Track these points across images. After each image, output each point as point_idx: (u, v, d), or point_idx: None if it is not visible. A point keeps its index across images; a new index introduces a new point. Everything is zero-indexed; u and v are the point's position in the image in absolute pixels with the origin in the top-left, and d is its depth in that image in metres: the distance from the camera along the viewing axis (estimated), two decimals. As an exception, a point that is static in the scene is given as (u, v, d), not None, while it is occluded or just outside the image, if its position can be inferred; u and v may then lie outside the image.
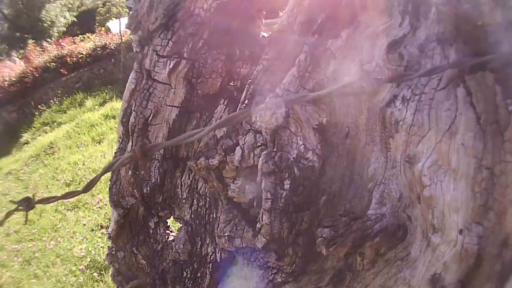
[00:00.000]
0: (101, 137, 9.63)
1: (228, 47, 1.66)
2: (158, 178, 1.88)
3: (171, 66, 1.67)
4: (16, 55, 19.55)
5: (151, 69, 1.74)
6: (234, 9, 1.59)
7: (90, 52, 12.18)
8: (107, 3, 22.47)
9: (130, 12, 1.87)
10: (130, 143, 1.90)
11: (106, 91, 11.44)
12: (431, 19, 1.03)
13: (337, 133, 1.23)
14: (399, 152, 1.06)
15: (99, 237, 6.68)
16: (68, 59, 12.21)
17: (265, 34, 1.71)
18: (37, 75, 12.53)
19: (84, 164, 8.92)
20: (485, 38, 0.86)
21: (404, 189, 1.08)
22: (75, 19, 21.84)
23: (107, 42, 12.25)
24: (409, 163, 1.01)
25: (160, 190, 1.92)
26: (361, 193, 1.21)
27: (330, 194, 1.25)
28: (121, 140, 1.99)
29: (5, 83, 12.93)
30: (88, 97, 11.57)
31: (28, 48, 15.13)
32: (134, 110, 1.82)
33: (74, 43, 13.57)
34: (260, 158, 1.23)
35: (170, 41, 1.67)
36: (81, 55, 12.21)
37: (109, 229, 2.07)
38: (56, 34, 20.38)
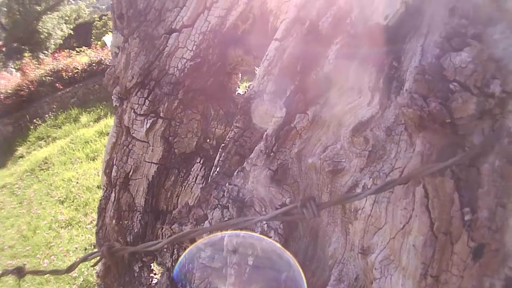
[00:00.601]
0: (95, 154, 9.64)
1: (203, 106, 1.68)
2: (140, 228, 1.91)
3: (148, 125, 1.69)
4: (12, 66, 19.56)
5: (130, 126, 1.77)
6: (208, 69, 1.62)
7: (85, 67, 12.23)
8: (104, 17, 22.55)
9: (109, 68, 1.90)
10: (113, 194, 1.94)
11: (101, 107, 11.47)
12: (401, 96, 1.05)
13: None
14: (357, 238, 1.08)
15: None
16: (64, 74, 12.25)
17: (241, 91, 1.74)
18: (32, 88, 12.55)
19: (78, 181, 8.92)
20: (455, 132, 0.87)
21: (360, 271, 1.10)
22: (71, 31, 21.90)
23: (103, 58, 12.30)
24: (363, 254, 1.03)
25: (142, 239, 1.95)
26: (323, 266, 1.23)
27: (293, 266, 1.27)
28: (105, 189, 2.04)
29: (1, 95, 12.94)
30: (83, 112, 11.59)
31: (24, 61, 15.16)
32: (115, 164, 1.87)
33: (70, 56, 13.62)
34: (226, 235, 1.25)
35: (146, 100, 1.70)
36: (77, 70, 12.25)
37: (97, 268, 2.12)
38: (53, 46, 20.41)
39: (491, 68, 0.85)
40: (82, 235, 7.63)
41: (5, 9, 22.82)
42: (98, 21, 22.12)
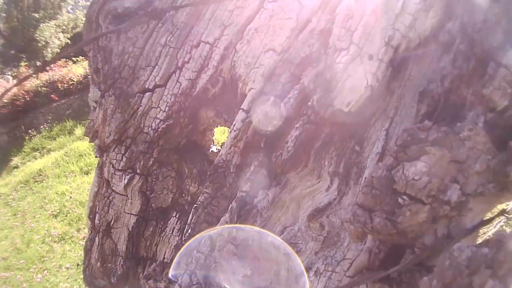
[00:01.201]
0: (89, 168, 9.71)
1: (177, 164, 1.75)
2: (123, 271, 1.99)
3: (126, 181, 1.76)
4: (9, 74, 19.61)
5: (109, 179, 1.84)
6: (180, 131, 1.69)
7: (81, 79, 12.33)
8: None
9: (88, 121, 1.97)
10: (97, 239, 2.02)
11: (96, 119, 11.56)
12: (360, 185, 1.10)
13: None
14: None
15: (84, 274, 6.73)
16: (59, 85, 12.35)
17: (215, 149, 1.80)
18: (28, 99, 12.64)
19: (71, 195, 8.98)
20: (404, 236, 0.91)
21: None
22: (68, 41, 21.94)
23: (99, 70, 12.38)
24: None
25: (125, 281, 2.03)
26: None
27: None
28: (90, 232, 2.12)
29: (-4, 104, 13.03)
30: (78, 125, 11.67)
31: (21, 71, 15.26)
32: (97, 213, 1.95)
33: (66, 66, 13.70)
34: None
35: (124, 156, 1.77)
36: (72, 82, 12.35)
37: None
38: (50, 55, 20.45)
39: (452, 171, 0.88)
40: (74, 251, 7.70)
41: (4, 14, 22.88)
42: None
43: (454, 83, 0.96)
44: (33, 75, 12.72)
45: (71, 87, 12.38)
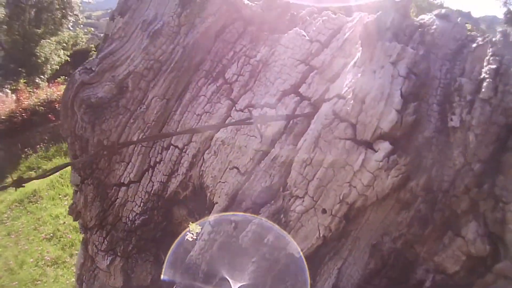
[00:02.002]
0: (84, 192, 9.81)
1: (155, 250, 1.92)
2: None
3: (108, 261, 1.93)
4: (8, 88, 19.78)
5: (94, 257, 2.01)
6: (155, 226, 1.88)
7: (79, 100, 12.51)
8: None
9: (71, 203, 2.14)
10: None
11: (92, 142, 11.73)
12: None
13: None
14: None
15: (75, 303, 6.85)
16: (57, 105, 12.51)
17: (190, 238, 1.97)
18: (25, 117, 12.78)
19: (65, 220, 9.09)
20: None
21: None
22: (68, 58, 22.19)
23: (96, 93, 12.58)
24: None
25: None
26: None
27: None
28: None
29: (-5, 119, 13.17)
30: (74, 147, 11.84)
31: (19, 88, 15.43)
32: (84, 282, 2.11)
33: (65, 84, 13.87)
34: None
35: (105, 239, 1.94)
36: (70, 103, 12.54)
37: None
38: (49, 71, 20.67)
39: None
40: (67, 276, 7.80)
41: (5, 26, 23.22)
42: (94, 51, 22.52)
43: (407, 244, 1.10)
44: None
45: (68, 108, 12.54)
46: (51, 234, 9.05)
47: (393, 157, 1.10)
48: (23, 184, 1.37)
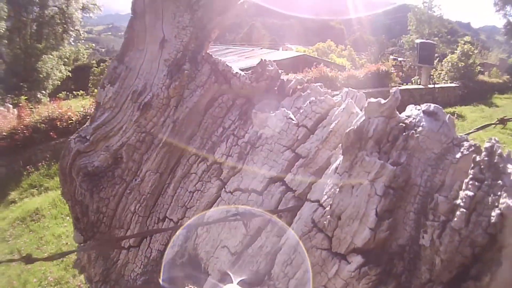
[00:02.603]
0: (86, 211, 9.88)
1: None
2: None
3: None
4: (10, 102, 19.94)
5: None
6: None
7: (80, 118, 12.63)
8: (102, 64, 23.07)
9: (76, 259, 2.19)
10: None
11: (93, 161, 11.82)
12: None
13: None
14: None
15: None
16: (58, 123, 12.64)
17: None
18: (27, 134, 12.89)
19: (67, 239, 9.16)
20: None
21: None
22: (69, 73, 22.40)
23: (97, 111, 12.67)
24: None
25: None
26: None
27: None
28: None
29: (-4, 136, 13.27)
30: (76, 165, 11.94)
31: (21, 104, 15.57)
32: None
33: (67, 99, 14.00)
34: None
35: (110, 292, 1.98)
36: (71, 121, 12.65)
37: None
38: (51, 86, 20.85)
39: None
40: (70, 298, 7.87)
41: (6, 41, 23.47)
42: (96, 67, 22.74)
43: None
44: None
45: (69, 126, 12.66)
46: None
47: (364, 269, 1.15)
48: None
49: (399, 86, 18.81)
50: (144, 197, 1.88)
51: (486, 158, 1.01)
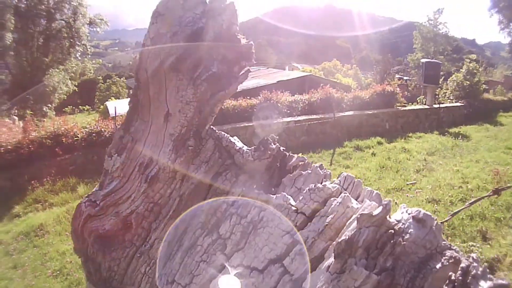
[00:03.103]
0: (90, 230, 9.97)
1: None
2: None
3: None
4: (15, 114, 20.15)
5: None
6: None
7: (85, 136, 12.76)
8: (108, 80, 23.26)
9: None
10: None
11: (98, 179, 11.89)
12: None
13: None
14: None
15: None
16: (64, 139, 12.78)
17: None
18: (32, 149, 13.02)
19: (72, 257, 9.25)
20: None
21: None
22: (76, 88, 22.60)
23: (103, 129, 12.82)
24: None
25: None
26: None
27: None
28: None
29: (1, 149, 13.38)
30: (81, 183, 12.06)
31: (26, 118, 15.74)
32: None
33: (72, 114, 14.13)
34: None
35: None
36: (77, 138, 12.79)
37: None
38: (57, 100, 21.05)
39: None
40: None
41: (12, 53, 23.70)
42: (102, 83, 22.97)
43: None
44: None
45: (75, 143, 12.79)
46: (58, 271, 9.20)
47: None
48: None
49: (404, 106, 19.00)
50: (153, 261, 2.00)
51: (460, 278, 1.13)
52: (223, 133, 2.04)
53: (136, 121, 2.13)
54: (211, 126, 2.05)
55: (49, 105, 20.47)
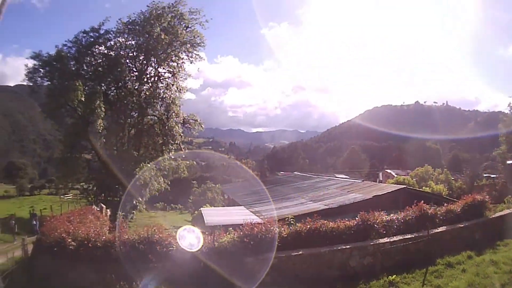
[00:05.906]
0: None
1: None
2: None
3: None
4: (102, 200, 20.61)
5: None
6: None
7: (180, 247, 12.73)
8: (203, 186, 23.38)
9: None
10: None
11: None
12: None
13: None
14: None
15: None
16: (158, 247, 12.63)
17: None
18: (123, 250, 13.03)
19: None
20: None
21: None
22: (168, 187, 22.93)
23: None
24: None
25: None
26: None
27: None
28: None
29: (90, 243, 13.50)
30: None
31: (119, 216, 15.97)
32: None
33: (165, 209, 14.16)
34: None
35: None
36: (171, 248, 12.74)
37: None
38: (148, 195, 21.36)
39: None
40: None
41: (104, 139, 24.21)
42: (196, 188, 23.47)
43: None
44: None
45: (170, 251, 12.72)
46: None
47: None
48: None
49: (492, 210, 18.51)
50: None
51: None
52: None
53: None
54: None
55: (139, 198, 20.63)
